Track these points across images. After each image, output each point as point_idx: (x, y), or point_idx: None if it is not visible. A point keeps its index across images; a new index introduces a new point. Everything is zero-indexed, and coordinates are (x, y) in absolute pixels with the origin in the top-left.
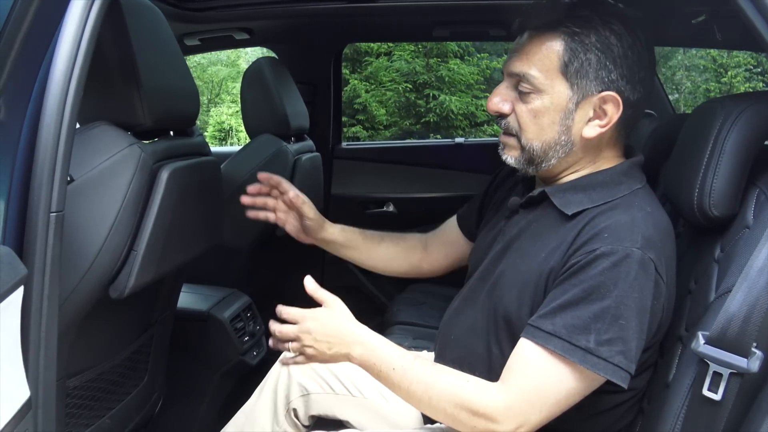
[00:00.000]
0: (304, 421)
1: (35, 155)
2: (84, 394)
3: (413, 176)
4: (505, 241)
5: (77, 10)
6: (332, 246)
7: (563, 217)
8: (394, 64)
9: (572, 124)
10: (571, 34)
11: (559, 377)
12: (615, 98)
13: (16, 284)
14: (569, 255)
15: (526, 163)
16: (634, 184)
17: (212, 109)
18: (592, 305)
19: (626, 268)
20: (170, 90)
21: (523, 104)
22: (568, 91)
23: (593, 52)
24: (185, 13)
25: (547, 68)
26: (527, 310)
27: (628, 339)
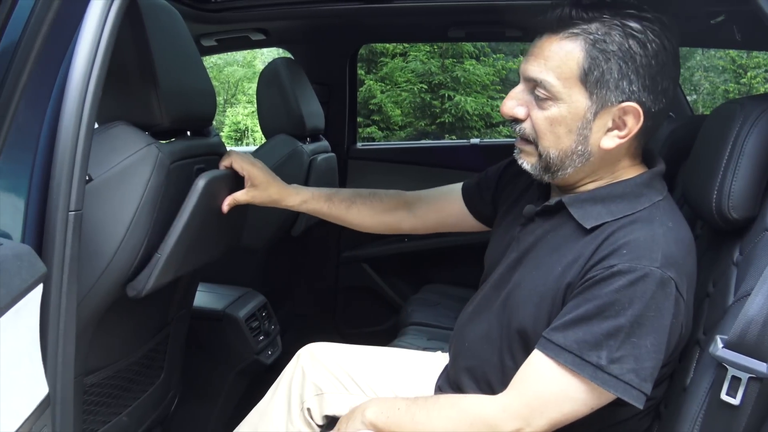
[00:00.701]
0: (318, 421)
1: (54, 155)
2: (101, 391)
3: (428, 177)
4: (520, 250)
5: (96, 11)
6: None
7: (581, 230)
8: (409, 65)
9: (590, 134)
10: (592, 41)
11: (564, 389)
12: (636, 110)
13: (35, 282)
14: (587, 269)
15: (543, 170)
16: (655, 196)
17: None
18: (605, 322)
19: (643, 287)
20: (187, 90)
21: (540, 110)
22: (586, 101)
23: (615, 61)
24: (202, 14)
25: (565, 75)
26: (543, 325)
27: (641, 357)
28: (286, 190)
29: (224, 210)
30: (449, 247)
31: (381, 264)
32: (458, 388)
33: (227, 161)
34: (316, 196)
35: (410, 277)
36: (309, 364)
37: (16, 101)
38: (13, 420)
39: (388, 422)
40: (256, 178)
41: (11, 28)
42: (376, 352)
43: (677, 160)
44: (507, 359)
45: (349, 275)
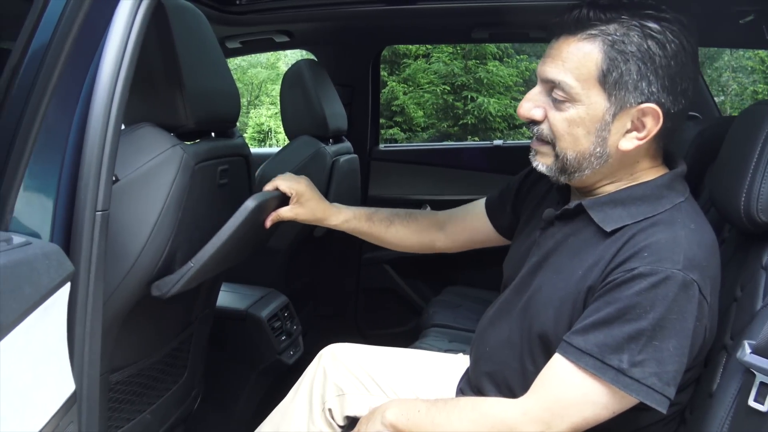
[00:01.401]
0: (339, 421)
1: (82, 155)
2: (126, 389)
3: (450, 178)
4: (540, 254)
5: (124, 14)
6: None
7: (602, 233)
8: (432, 66)
9: (608, 136)
10: (611, 41)
11: (586, 393)
12: (655, 111)
13: (63, 280)
14: (608, 272)
15: (559, 171)
16: (677, 197)
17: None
18: (626, 325)
19: (665, 290)
20: (212, 92)
21: (557, 112)
22: (605, 102)
23: (633, 62)
24: (227, 17)
25: (584, 77)
26: (564, 328)
27: (663, 361)
28: (330, 208)
29: (267, 226)
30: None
31: (402, 265)
32: (479, 391)
33: (273, 185)
34: (358, 215)
35: (432, 279)
36: (330, 364)
37: (46, 103)
38: (40, 416)
39: (408, 424)
40: (303, 196)
41: (42, 30)
42: (398, 353)
43: (704, 162)
44: (528, 363)
45: (370, 276)
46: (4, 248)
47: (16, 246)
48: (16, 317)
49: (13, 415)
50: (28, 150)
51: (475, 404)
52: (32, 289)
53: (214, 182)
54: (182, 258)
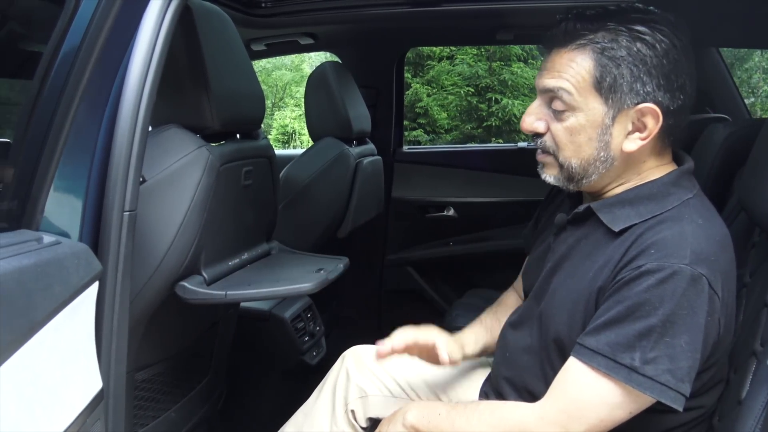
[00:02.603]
0: (362, 423)
1: (111, 157)
2: (151, 387)
3: (474, 180)
4: (554, 259)
5: (152, 17)
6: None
7: (611, 233)
8: (456, 68)
9: (610, 140)
10: (600, 49)
11: (600, 394)
12: (653, 110)
13: (92, 279)
14: (617, 272)
15: (566, 180)
16: (685, 194)
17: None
18: (636, 323)
19: (673, 285)
20: (238, 94)
21: (558, 122)
22: (602, 107)
23: (625, 66)
24: (253, 19)
25: (579, 86)
26: (578, 331)
27: (676, 357)
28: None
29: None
30: (494, 251)
31: (426, 267)
32: (500, 395)
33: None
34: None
35: (455, 282)
36: (353, 366)
37: (76, 105)
38: (68, 413)
39: (429, 426)
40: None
41: (72, 34)
42: None
43: (733, 165)
44: (548, 369)
45: (394, 278)
46: (34, 247)
47: (47, 245)
48: (46, 315)
49: (42, 411)
50: (59, 151)
51: (494, 408)
52: (62, 287)
53: (239, 183)
54: (207, 258)
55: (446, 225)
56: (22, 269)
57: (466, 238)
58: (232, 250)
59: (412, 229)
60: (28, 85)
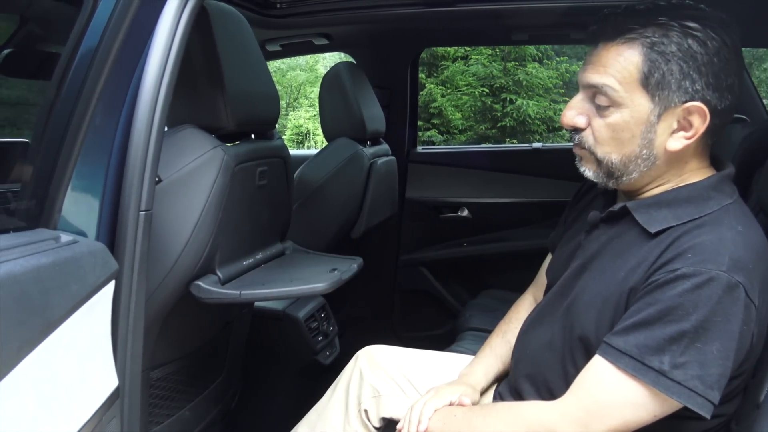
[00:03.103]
0: (375, 423)
1: (127, 157)
2: (166, 385)
3: (488, 181)
4: (585, 257)
5: (168, 19)
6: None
7: (646, 234)
8: (470, 68)
9: (654, 138)
10: (650, 44)
11: (625, 395)
12: (701, 109)
13: (108, 278)
14: (650, 273)
15: (605, 176)
16: (725, 199)
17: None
18: (667, 327)
19: (709, 291)
20: (253, 95)
21: (601, 118)
22: (648, 104)
23: (675, 62)
24: (268, 20)
25: (626, 81)
26: (605, 330)
27: (706, 364)
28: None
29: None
30: (508, 252)
31: (439, 268)
32: (518, 394)
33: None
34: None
35: (469, 282)
36: (367, 366)
37: (94, 106)
38: (85, 410)
39: (445, 428)
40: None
41: (89, 35)
42: (434, 356)
43: (752, 165)
44: (569, 367)
45: (407, 278)
46: (52, 246)
47: (64, 244)
48: (64, 313)
49: (59, 408)
50: (76, 151)
51: (512, 407)
52: (79, 286)
53: (254, 183)
54: (222, 258)
55: (460, 226)
56: (40, 268)
57: (479, 238)
58: (246, 250)
59: (425, 229)
60: (46, 86)
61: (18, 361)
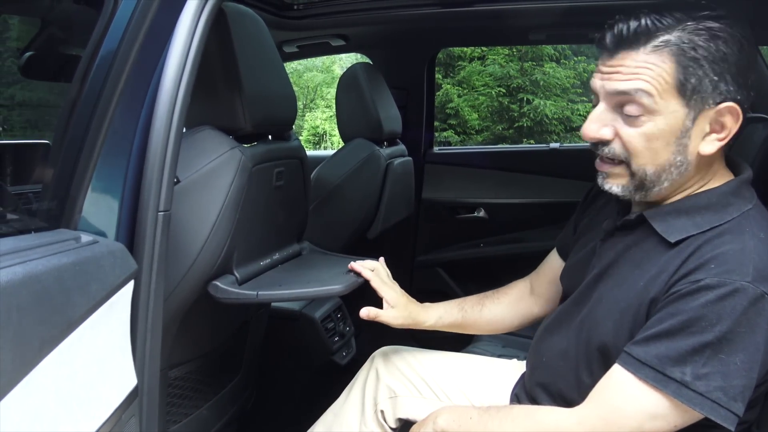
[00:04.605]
0: (391, 423)
1: (146, 158)
2: (184, 384)
3: (505, 182)
4: (601, 266)
5: (187, 21)
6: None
7: (665, 243)
8: (487, 68)
9: (689, 143)
10: (680, 50)
11: (644, 405)
12: (734, 108)
13: (127, 278)
14: (671, 284)
15: (636, 189)
16: (744, 204)
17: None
18: (690, 338)
19: (733, 303)
20: (270, 96)
21: (631, 128)
22: (684, 109)
23: (708, 65)
24: (285, 21)
25: (661, 88)
26: (624, 340)
27: (730, 375)
28: (423, 310)
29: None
30: (525, 253)
31: (456, 269)
32: (534, 400)
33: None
34: (448, 309)
35: (485, 283)
36: (383, 366)
37: (113, 108)
38: (104, 408)
39: (461, 430)
40: (393, 300)
41: (110, 37)
42: (451, 357)
43: None
44: (584, 376)
45: (423, 279)
46: (73, 246)
47: (84, 244)
48: (84, 312)
49: (79, 407)
50: (96, 153)
51: (529, 412)
52: (99, 285)
53: (271, 184)
54: (239, 258)
55: (476, 226)
56: (61, 268)
57: (496, 239)
58: (263, 250)
59: (442, 230)
60: (67, 88)
61: (39, 360)
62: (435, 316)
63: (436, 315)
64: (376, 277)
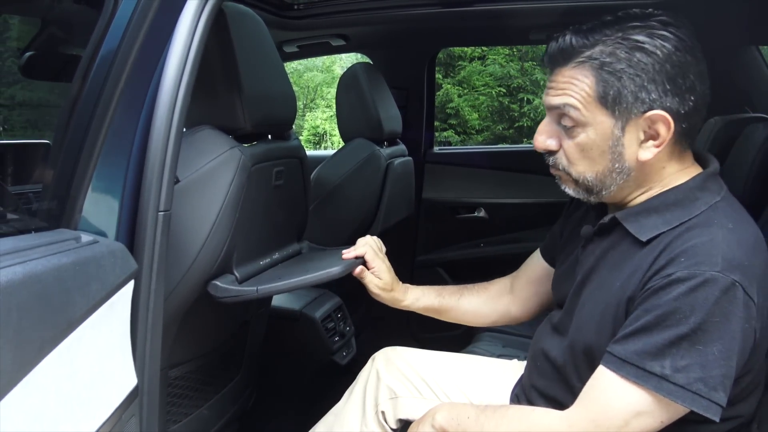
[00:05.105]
0: (392, 424)
1: (146, 158)
2: (184, 384)
3: (505, 181)
4: (583, 272)
5: (187, 21)
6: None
7: (638, 242)
8: (487, 68)
9: (623, 150)
10: (599, 64)
11: (629, 403)
12: (663, 117)
13: (128, 278)
14: (645, 281)
15: (586, 192)
16: (712, 197)
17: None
18: (666, 332)
19: (705, 293)
20: (269, 96)
21: (569, 139)
22: (610, 119)
23: (627, 77)
24: (285, 21)
25: (585, 101)
26: (607, 341)
27: (708, 365)
28: (401, 288)
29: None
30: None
31: (456, 268)
32: (531, 402)
33: (361, 251)
34: (426, 292)
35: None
36: (384, 367)
37: (113, 108)
38: (104, 408)
39: (458, 428)
40: (380, 272)
41: (110, 37)
42: (452, 358)
43: None
44: (575, 381)
45: (424, 279)
46: (73, 246)
47: (85, 244)
48: (84, 312)
49: (79, 406)
50: (97, 153)
51: (523, 414)
52: (99, 285)
53: (270, 183)
54: (239, 258)
55: (477, 226)
56: (61, 267)
57: (496, 239)
58: (263, 250)
59: (442, 230)
60: (67, 88)
61: (39, 359)
62: (412, 297)
63: (413, 296)
64: (370, 250)
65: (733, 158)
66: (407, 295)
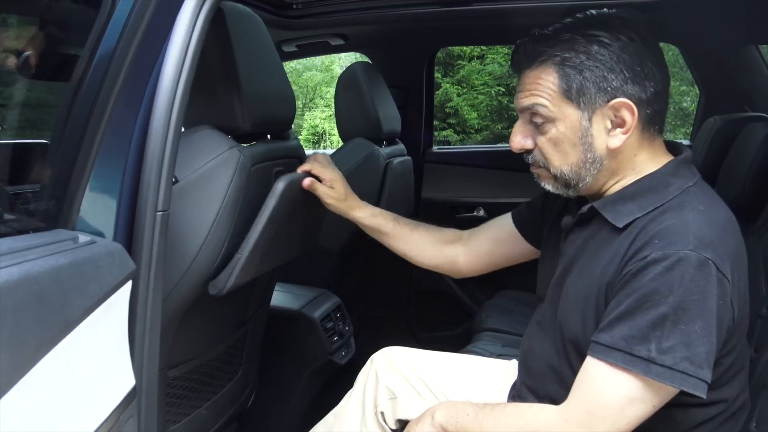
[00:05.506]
0: (392, 425)
1: (144, 158)
2: (183, 384)
3: (504, 181)
4: (564, 263)
5: (185, 21)
6: (366, 229)
7: (616, 230)
8: (486, 67)
9: (593, 140)
10: (560, 60)
11: (621, 390)
12: (626, 104)
13: (125, 278)
14: (623, 265)
15: (564, 187)
16: (685, 182)
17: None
18: (647, 313)
19: (680, 271)
20: (268, 95)
21: (542, 136)
22: (577, 112)
23: (587, 69)
24: (284, 21)
25: (551, 97)
26: (592, 330)
27: (692, 344)
28: (357, 200)
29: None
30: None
31: None
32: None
33: (307, 166)
34: (384, 213)
35: (484, 283)
36: (383, 368)
37: (111, 107)
38: (102, 409)
39: (457, 426)
40: (335, 182)
41: (107, 37)
42: (450, 358)
43: None
44: (568, 373)
45: (423, 279)
46: (70, 246)
47: (82, 244)
48: (81, 313)
49: (77, 407)
50: (94, 152)
51: (521, 411)
52: (96, 286)
53: (270, 183)
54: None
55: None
56: (59, 268)
57: None
58: None
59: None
60: (65, 88)
61: (36, 360)
62: (368, 211)
63: (369, 211)
64: (314, 162)
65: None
66: (364, 209)
